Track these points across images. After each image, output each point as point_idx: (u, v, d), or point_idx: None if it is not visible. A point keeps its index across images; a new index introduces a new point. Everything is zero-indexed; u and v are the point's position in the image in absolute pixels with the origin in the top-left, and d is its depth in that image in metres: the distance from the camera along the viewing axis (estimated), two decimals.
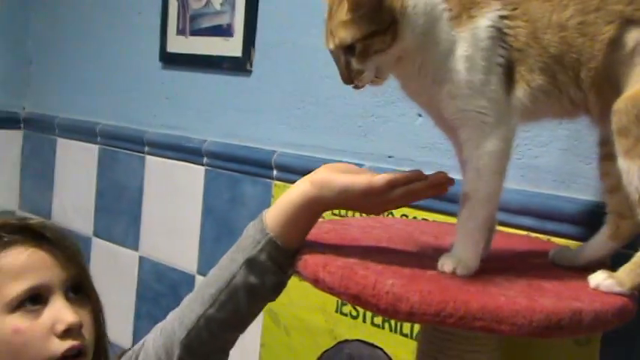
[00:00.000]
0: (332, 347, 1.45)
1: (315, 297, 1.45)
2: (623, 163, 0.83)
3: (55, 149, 2.30)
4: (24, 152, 2.46)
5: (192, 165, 1.79)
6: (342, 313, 1.43)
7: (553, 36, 0.86)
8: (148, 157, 1.93)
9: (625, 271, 0.88)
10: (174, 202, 1.86)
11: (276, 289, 1.04)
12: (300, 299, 1.48)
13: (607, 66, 0.86)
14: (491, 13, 0.87)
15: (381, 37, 0.88)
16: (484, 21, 0.87)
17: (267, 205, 1.57)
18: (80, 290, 1.03)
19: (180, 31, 1.83)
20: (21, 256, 1.00)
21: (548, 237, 1.13)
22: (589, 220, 1.08)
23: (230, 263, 1.05)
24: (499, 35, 0.87)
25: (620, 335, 1.05)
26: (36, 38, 2.42)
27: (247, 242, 1.04)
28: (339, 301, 1.43)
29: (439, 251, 0.96)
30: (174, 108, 1.88)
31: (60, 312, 0.98)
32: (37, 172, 2.38)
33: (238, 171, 1.67)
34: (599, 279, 0.88)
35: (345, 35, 0.88)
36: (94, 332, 1.03)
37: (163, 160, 1.88)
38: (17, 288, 0.98)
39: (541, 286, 0.87)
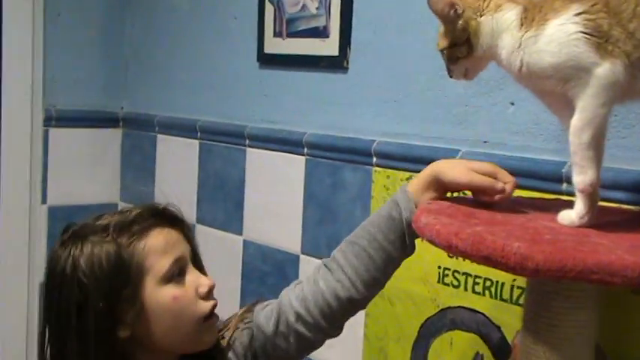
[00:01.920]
0: (435, 314, 1.62)
1: (417, 269, 1.62)
2: None
3: (155, 145, 2.50)
4: (124, 149, 2.67)
5: (293, 155, 1.97)
6: (444, 283, 1.59)
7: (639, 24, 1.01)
8: (249, 150, 2.12)
9: None
10: (275, 190, 2.04)
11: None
12: (402, 272, 1.63)
13: None
14: (569, 14, 1.03)
15: (460, 47, 1.14)
16: (557, 21, 1.04)
17: (368, 189, 1.76)
18: (197, 261, 1.24)
19: (277, 34, 2.00)
20: (160, 235, 1.18)
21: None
22: None
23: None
24: (579, 31, 1.02)
25: None
26: (132, 42, 2.63)
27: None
28: (441, 271, 1.59)
29: (547, 220, 1.13)
30: (272, 104, 2.06)
31: (199, 278, 1.20)
32: (138, 166, 2.60)
33: (339, 160, 1.84)
34: None
35: (440, 43, 1.18)
36: None
37: (264, 152, 2.07)
38: (166, 262, 1.17)
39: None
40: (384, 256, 1.24)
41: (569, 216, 1.13)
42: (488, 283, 1.51)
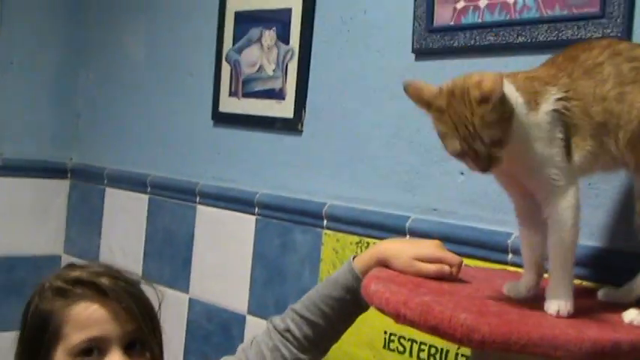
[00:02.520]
0: None
1: (363, 334, 1.62)
2: None
3: (103, 198, 2.48)
4: (70, 200, 2.64)
5: (243, 215, 1.97)
6: (389, 349, 1.59)
7: (598, 107, 1.06)
8: (199, 207, 2.11)
9: None
10: (224, 248, 2.04)
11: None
12: (348, 336, 1.64)
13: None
14: (551, 100, 1.06)
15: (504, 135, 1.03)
16: (547, 106, 1.06)
17: (318, 251, 1.77)
18: (138, 344, 1.19)
19: (233, 93, 2.03)
20: (87, 310, 1.16)
21: (582, 281, 1.31)
22: (620, 268, 1.26)
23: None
24: (559, 116, 1.06)
25: None
26: (85, 94, 2.63)
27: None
28: (387, 337, 1.60)
29: (492, 291, 1.16)
30: (225, 163, 2.07)
31: None
32: (84, 219, 2.56)
33: (289, 220, 1.85)
34: (632, 315, 1.06)
35: (495, 132, 1.01)
36: None
37: (215, 209, 2.06)
38: (78, 337, 1.14)
39: (585, 321, 1.05)
40: (340, 328, 1.33)
41: (516, 288, 1.16)
42: (433, 350, 1.52)
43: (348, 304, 1.29)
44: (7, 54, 2.50)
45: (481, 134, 1.00)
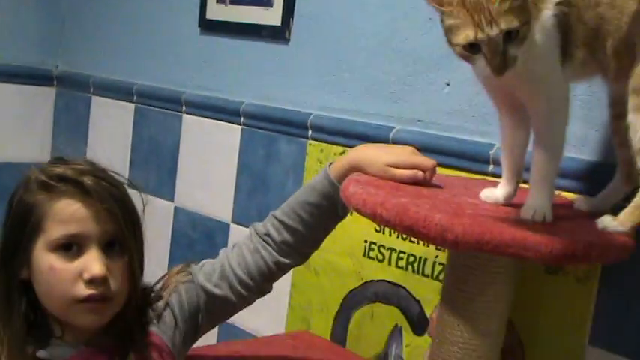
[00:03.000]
0: (358, 287, 1.65)
1: (344, 242, 1.65)
2: (631, 117, 1.03)
3: (89, 106, 2.46)
4: (57, 108, 2.62)
5: (229, 124, 1.97)
6: (369, 257, 1.62)
7: (591, 13, 1.05)
8: (185, 116, 2.11)
9: (625, 214, 1.07)
10: (210, 158, 2.04)
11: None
12: (330, 245, 1.66)
13: (628, 36, 1.04)
14: (551, 4, 1.04)
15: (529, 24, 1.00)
16: (548, 11, 1.04)
17: (302, 162, 1.77)
18: (115, 245, 1.18)
19: (220, 0, 1.99)
20: (70, 207, 1.14)
21: (560, 192, 1.32)
22: (595, 177, 1.28)
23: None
24: (557, 21, 1.04)
25: (616, 277, 1.25)
26: (69, 1, 2.58)
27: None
28: (367, 245, 1.62)
29: (470, 197, 1.17)
30: (211, 71, 2.05)
31: (89, 263, 1.13)
32: (71, 127, 2.55)
33: (274, 131, 1.85)
34: (605, 221, 1.08)
35: (512, 19, 0.95)
36: (126, 281, 1.19)
37: (200, 119, 2.06)
38: (57, 232, 1.14)
39: (559, 225, 1.07)
40: (319, 234, 1.34)
41: (494, 195, 1.17)
42: (411, 259, 1.54)
43: (325, 211, 1.30)
44: None
45: (497, 19, 0.94)
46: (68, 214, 1.15)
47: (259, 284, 1.32)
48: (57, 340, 1.19)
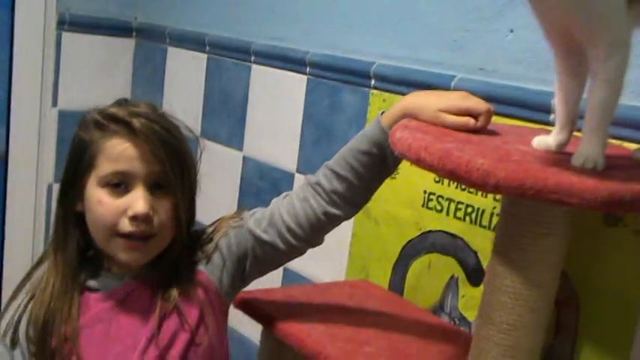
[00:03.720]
0: (417, 236, 1.64)
1: (403, 193, 1.64)
2: None
3: (165, 57, 2.52)
4: (136, 59, 2.69)
5: (295, 74, 1.98)
6: (427, 208, 1.61)
7: None
8: (254, 66, 2.13)
9: None
10: (276, 108, 2.06)
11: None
12: (390, 196, 1.67)
13: None
14: None
15: None
16: None
17: (365, 111, 1.77)
18: (162, 186, 1.25)
19: None
20: (119, 146, 1.23)
21: (622, 142, 1.27)
22: None
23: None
24: None
25: None
26: None
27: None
28: (426, 196, 1.61)
29: (521, 144, 1.14)
30: (280, 22, 2.06)
31: (134, 200, 1.22)
32: (148, 78, 2.62)
33: (338, 80, 1.84)
34: None
35: None
36: (171, 221, 1.26)
37: (268, 69, 2.07)
38: (107, 168, 1.22)
39: (612, 174, 1.03)
40: (367, 185, 1.31)
41: (546, 142, 1.14)
42: (469, 210, 1.52)
43: (376, 159, 1.29)
44: None
45: None
46: (117, 152, 1.22)
47: (308, 234, 1.32)
48: (105, 272, 1.26)
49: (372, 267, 1.75)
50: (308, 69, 1.93)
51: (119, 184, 1.22)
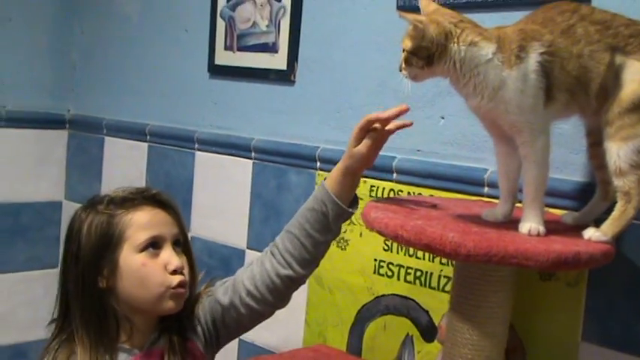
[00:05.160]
0: (370, 301, 1.82)
1: (355, 262, 1.83)
2: (606, 144, 1.25)
3: (102, 147, 2.64)
4: (70, 150, 2.79)
5: (240, 159, 2.15)
6: (379, 274, 1.80)
7: (574, 63, 1.25)
8: (198, 153, 2.29)
9: (606, 226, 1.27)
10: (223, 190, 2.22)
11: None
12: (342, 265, 1.85)
13: (605, 80, 1.25)
14: (535, 53, 1.24)
15: (417, 58, 1.28)
16: (532, 61, 1.24)
17: (311, 189, 1.92)
18: (181, 244, 1.46)
19: (228, 47, 2.18)
20: (147, 214, 1.42)
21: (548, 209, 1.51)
22: (577, 194, 1.48)
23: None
24: (542, 68, 1.24)
25: (601, 281, 1.45)
26: (81, 47, 2.78)
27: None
28: (377, 263, 1.80)
29: (473, 216, 1.36)
30: (222, 111, 2.24)
31: (171, 256, 1.41)
32: (84, 167, 2.73)
33: (284, 163, 2.03)
34: (590, 232, 1.28)
35: (404, 41, 1.29)
36: (189, 276, 1.45)
37: (213, 155, 2.24)
38: (143, 236, 1.40)
39: (552, 238, 1.27)
40: (312, 242, 1.47)
41: (493, 214, 1.37)
42: (418, 273, 1.73)
43: (319, 215, 1.45)
44: (4, 11, 2.62)
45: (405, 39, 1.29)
46: (147, 219, 1.41)
47: (266, 296, 1.47)
48: (120, 344, 1.39)
49: (328, 332, 1.91)
50: (253, 154, 2.11)
51: (152, 246, 1.39)
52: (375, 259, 1.81)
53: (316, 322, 1.95)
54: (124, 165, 2.55)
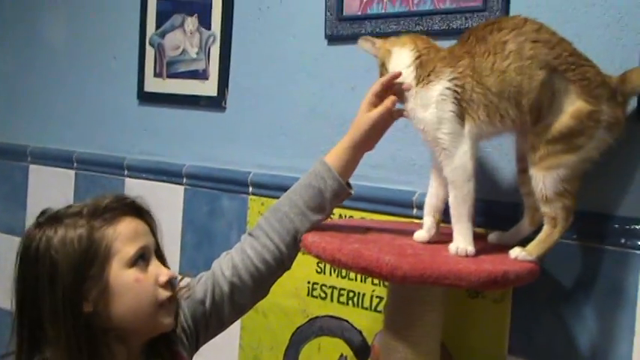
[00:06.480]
0: (304, 323, 1.86)
1: (289, 285, 1.86)
2: (531, 171, 1.31)
3: (27, 175, 2.60)
4: None
5: (172, 185, 2.16)
6: (312, 296, 1.84)
7: (495, 79, 1.29)
8: (128, 180, 2.28)
9: (532, 246, 1.35)
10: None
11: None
12: (275, 288, 1.86)
13: (541, 96, 1.28)
14: (445, 79, 1.32)
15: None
16: (438, 86, 1.33)
17: (244, 214, 1.98)
18: (159, 254, 1.36)
19: (158, 74, 2.20)
20: (130, 224, 1.29)
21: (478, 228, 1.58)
22: (503, 214, 1.55)
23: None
24: (451, 93, 1.32)
25: (525, 297, 1.52)
26: (2, 75, 2.72)
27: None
28: (310, 286, 1.84)
29: (405, 239, 1.42)
30: (152, 138, 2.24)
31: (160, 268, 1.31)
32: (8, 196, 2.67)
33: (216, 189, 2.06)
34: (516, 252, 1.35)
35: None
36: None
37: (143, 181, 2.24)
38: (132, 248, 1.27)
39: (481, 257, 1.33)
40: (304, 220, 1.45)
41: (422, 234, 1.43)
42: (351, 294, 1.78)
43: (317, 195, 1.45)
44: None
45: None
46: (132, 230, 1.29)
47: (249, 286, 1.44)
48: None
49: (263, 356, 1.94)
50: (185, 180, 2.13)
51: (141, 259, 1.28)
52: (309, 282, 1.85)
53: (250, 346, 1.97)
54: (50, 193, 2.52)
